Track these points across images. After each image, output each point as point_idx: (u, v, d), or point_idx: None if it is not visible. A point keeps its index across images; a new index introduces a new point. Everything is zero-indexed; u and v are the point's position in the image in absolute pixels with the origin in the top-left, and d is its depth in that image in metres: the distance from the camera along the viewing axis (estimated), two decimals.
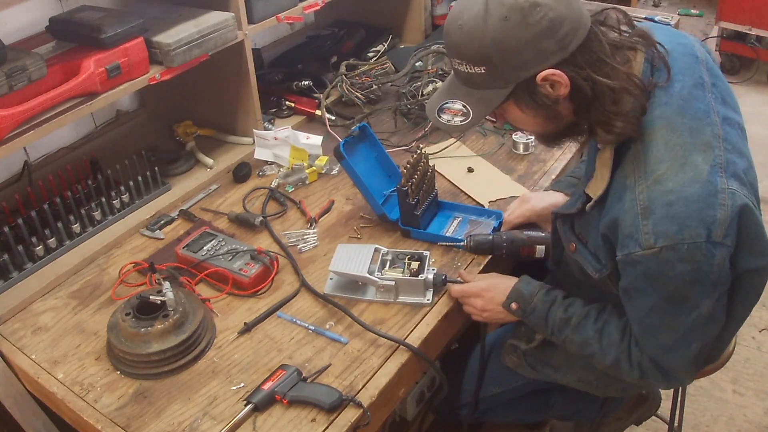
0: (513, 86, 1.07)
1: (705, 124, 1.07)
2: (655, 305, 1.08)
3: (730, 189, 1.02)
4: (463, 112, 1.14)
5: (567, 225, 1.28)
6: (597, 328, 1.24)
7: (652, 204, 1.02)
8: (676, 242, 1.00)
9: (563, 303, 1.29)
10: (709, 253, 1.01)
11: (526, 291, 1.31)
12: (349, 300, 1.41)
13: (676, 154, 1.04)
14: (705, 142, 1.05)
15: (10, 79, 1.31)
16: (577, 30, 1.02)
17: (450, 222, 1.60)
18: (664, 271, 1.02)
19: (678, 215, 1.00)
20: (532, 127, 1.16)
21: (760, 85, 4.06)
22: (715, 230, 1.00)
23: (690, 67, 1.13)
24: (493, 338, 1.62)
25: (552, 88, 1.05)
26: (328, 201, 1.72)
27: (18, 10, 1.61)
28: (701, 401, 2.24)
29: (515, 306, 1.31)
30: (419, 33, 2.51)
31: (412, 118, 2.02)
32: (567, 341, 1.28)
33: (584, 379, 1.42)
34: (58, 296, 1.48)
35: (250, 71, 1.81)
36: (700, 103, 1.09)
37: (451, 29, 1.08)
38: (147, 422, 1.19)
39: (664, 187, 1.02)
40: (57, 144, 1.88)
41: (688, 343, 1.12)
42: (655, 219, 1.01)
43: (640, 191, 1.04)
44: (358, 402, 1.19)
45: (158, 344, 1.26)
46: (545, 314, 1.29)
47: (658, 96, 1.08)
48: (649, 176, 1.04)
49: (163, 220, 1.67)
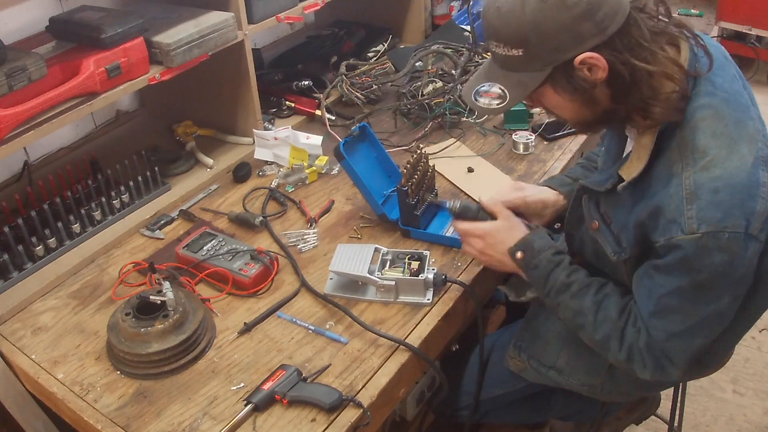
0: (550, 69, 1.07)
1: (748, 118, 1.08)
2: (680, 288, 1.08)
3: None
4: (500, 95, 1.14)
5: (593, 202, 1.26)
6: (596, 300, 1.23)
7: (699, 189, 1.02)
8: (718, 230, 1.00)
9: (568, 268, 1.27)
10: (745, 246, 1.02)
11: (536, 245, 1.29)
12: (349, 300, 1.41)
13: (723, 143, 1.04)
14: (749, 134, 1.06)
15: (10, 79, 1.31)
16: (616, 14, 1.02)
17: (450, 222, 1.60)
18: (702, 257, 1.03)
19: (723, 202, 1.01)
20: (569, 113, 1.16)
21: (760, 85, 4.06)
22: (753, 223, 1.01)
23: (724, 64, 1.14)
24: (492, 340, 1.62)
25: (590, 71, 1.05)
26: (328, 201, 1.72)
27: (18, 10, 1.61)
28: (701, 401, 2.24)
29: (520, 255, 1.29)
30: (419, 33, 2.51)
31: (412, 118, 2.02)
32: (561, 306, 1.26)
33: (588, 384, 1.41)
34: (58, 296, 1.48)
35: (250, 71, 1.81)
36: (741, 97, 1.10)
37: (489, 11, 1.08)
38: (147, 422, 1.19)
39: (711, 173, 1.02)
40: (57, 144, 1.89)
41: (694, 335, 1.12)
42: (700, 204, 1.02)
43: (686, 176, 1.04)
44: (358, 402, 1.19)
45: (158, 344, 1.26)
46: (548, 273, 1.27)
47: (704, 85, 1.08)
48: (698, 162, 1.04)
49: (163, 220, 1.67)
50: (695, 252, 1.02)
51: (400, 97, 2.06)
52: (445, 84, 2.03)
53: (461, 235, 1.39)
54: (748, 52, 3.94)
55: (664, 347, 1.15)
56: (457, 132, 1.96)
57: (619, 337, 1.19)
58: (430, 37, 2.45)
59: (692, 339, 1.13)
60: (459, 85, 2.00)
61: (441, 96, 1.98)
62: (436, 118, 1.97)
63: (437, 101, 1.98)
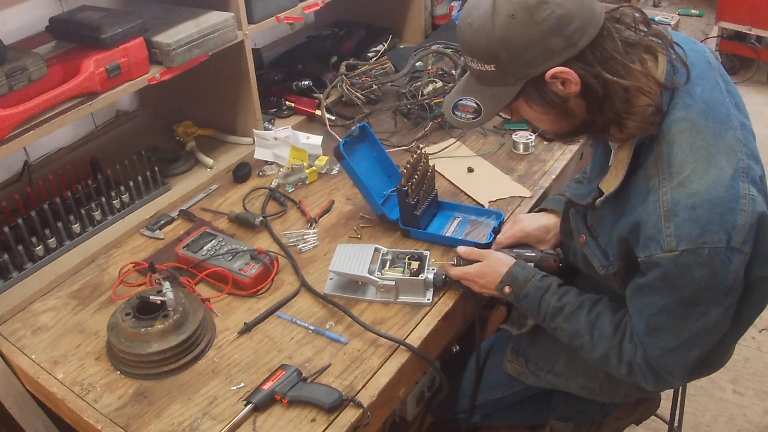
0: (522, 84, 1.07)
1: (727, 128, 1.07)
2: (666, 306, 1.08)
3: (750, 195, 1.02)
4: (475, 109, 1.15)
5: (580, 215, 1.27)
6: (590, 320, 1.23)
7: (676, 206, 1.02)
8: (697, 246, 1.00)
9: (557, 291, 1.28)
10: (727, 260, 1.01)
11: (520, 276, 1.30)
12: (349, 300, 1.41)
13: (700, 156, 1.03)
14: (728, 145, 1.05)
15: (10, 79, 1.31)
16: (587, 27, 1.02)
17: (450, 222, 1.60)
18: (683, 274, 1.02)
19: (701, 218, 1.00)
20: (546, 125, 1.16)
21: (760, 85, 4.06)
22: (735, 236, 1.00)
23: (706, 72, 1.12)
24: (489, 343, 1.62)
25: (563, 85, 1.05)
26: (328, 201, 1.72)
27: (18, 10, 1.61)
28: (701, 401, 2.24)
29: (508, 290, 1.30)
30: (419, 33, 2.51)
31: (412, 118, 2.02)
32: (558, 329, 1.27)
33: (587, 386, 1.41)
34: (58, 296, 1.48)
35: (250, 71, 1.81)
36: (721, 107, 1.09)
37: (462, 27, 1.09)
38: (147, 422, 1.19)
39: (688, 189, 1.02)
40: (57, 144, 1.88)
41: (689, 348, 1.12)
42: (677, 222, 1.01)
43: (663, 193, 1.03)
44: (358, 402, 1.19)
45: (158, 344, 1.26)
46: (538, 301, 1.28)
47: (681, 97, 1.07)
48: (674, 178, 1.03)
49: (163, 220, 1.67)
50: (676, 269, 1.02)
51: (400, 97, 2.06)
52: (445, 84, 2.03)
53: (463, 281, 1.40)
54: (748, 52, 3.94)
55: (661, 362, 1.15)
56: (457, 132, 1.96)
57: (617, 353, 1.20)
58: (430, 37, 2.45)
59: (688, 352, 1.13)
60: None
61: (441, 96, 1.98)
62: (436, 118, 1.97)
63: (437, 101, 1.98)
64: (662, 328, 1.11)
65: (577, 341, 1.25)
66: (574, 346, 1.27)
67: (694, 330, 1.09)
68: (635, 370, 1.19)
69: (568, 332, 1.26)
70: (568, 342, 1.28)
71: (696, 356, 1.14)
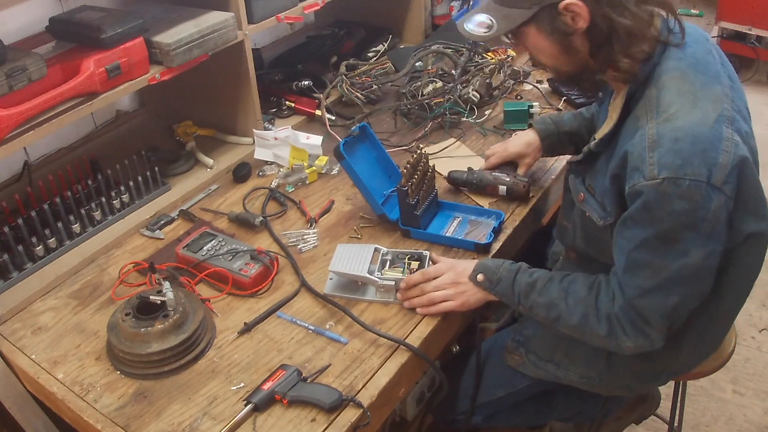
0: (537, 9, 1.13)
1: (716, 82, 1.13)
2: (646, 240, 1.11)
3: (734, 139, 1.07)
4: (488, 25, 1.20)
5: (579, 178, 1.33)
6: (563, 287, 1.27)
7: (661, 138, 1.07)
8: (677, 176, 1.04)
9: (528, 270, 1.32)
10: (708, 196, 1.04)
11: (491, 263, 1.35)
12: (349, 300, 1.41)
13: (687, 99, 1.09)
14: (715, 95, 1.11)
15: (10, 79, 1.31)
16: None
17: (450, 222, 1.60)
18: (663, 204, 1.06)
19: (683, 151, 1.04)
20: (548, 58, 1.21)
21: (760, 85, 4.06)
22: (716, 173, 1.04)
23: (701, 42, 1.20)
24: (489, 343, 1.62)
25: (573, 20, 1.11)
26: (328, 201, 1.72)
27: (18, 10, 1.61)
28: (701, 401, 2.24)
29: (482, 277, 1.33)
30: (419, 33, 2.51)
31: (412, 118, 2.02)
32: (534, 306, 1.29)
33: (586, 375, 1.42)
34: (58, 296, 1.48)
35: (250, 71, 1.82)
36: (711, 66, 1.16)
37: None
38: (147, 422, 1.19)
39: (673, 124, 1.07)
40: (57, 144, 1.88)
41: (667, 292, 1.14)
42: (661, 152, 1.06)
43: (650, 127, 1.09)
44: (358, 402, 1.19)
45: (158, 344, 1.26)
46: (511, 281, 1.31)
47: (673, 52, 1.15)
48: (660, 115, 1.09)
49: (163, 220, 1.67)
50: (656, 198, 1.06)
51: (400, 97, 2.06)
52: (445, 84, 2.03)
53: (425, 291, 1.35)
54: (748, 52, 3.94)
55: (638, 306, 1.16)
56: (457, 132, 1.96)
57: (594, 311, 1.22)
58: (430, 37, 2.45)
59: (665, 296, 1.14)
60: (459, 85, 2.01)
61: (441, 96, 1.98)
62: (436, 118, 1.97)
63: (437, 101, 1.98)
64: (641, 264, 1.14)
65: (553, 312, 1.27)
66: (552, 320, 1.28)
67: (673, 270, 1.11)
68: (614, 326, 1.20)
69: (544, 305, 1.28)
70: (545, 318, 1.29)
71: (673, 305, 1.14)
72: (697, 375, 1.54)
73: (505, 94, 2.09)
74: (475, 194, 1.69)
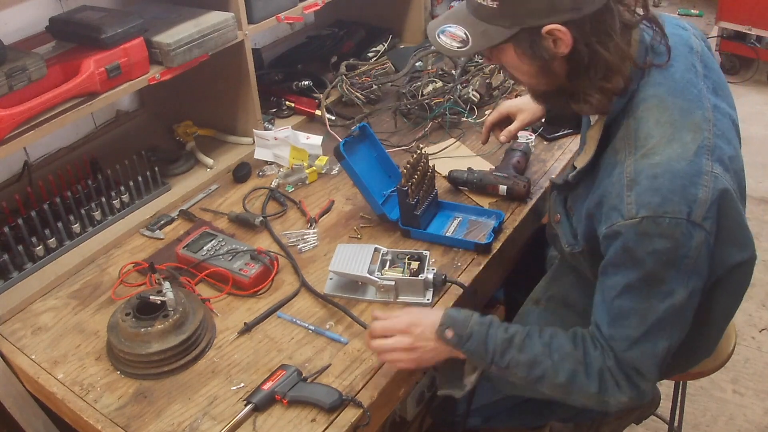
0: (518, 30, 1.07)
1: (696, 107, 1.09)
2: (629, 284, 1.07)
3: (713, 172, 1.03)
4: (462, 39, 1.13)
5: (561, 197, 1.30)
6: (545, 342, 1.16)
7: (638, 176, 1.04)
8: (657, 215, 1.01)
9: (501, 324, 1.20)
10: (688, 233, 1.01)
11: (459, 315, 1.20)
12: (349, 300, 1.41)
13: (665, 131, 1.06)
14: (695, 123, 1.07)
15: (10, 79, 1.31)
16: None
17: (450, 222, 1.60)
18: (643, 244, 1.03)
19: (662, 188, 1.02)
20: (524, 77, 1.17)
21: (760, 85, 4.06)
22: (696, 209, 1.01)
23: (683, 55, 1.15)
24: None
25: (554, 44, 1.06)
26: (328, 201, 1.72)
27: (18, 10, 1.61)
28: (701, 401, 2.24)
29: (450, 333, 1.18)
30: (419, 33, 2.51)
31: (412, 118, 2.02)
32: (512, 365, 1.16)
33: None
34: (58, 296, 1.48)
35: (250, 71, 1.82)
36: (692, 87, 1.11)
37: None
38: (147, 422, 1.19)
39: (651, 160, 1.04)
40: (57, 144, 1.88)
41: (656, 338, 1.09)
42: (639, 190, 1.03)
43: (628, 165, 1.06)
44: (358, 402, 1.19)
45: (158, 344, 1.26)
46: (484, 337, 1.17)
47: (654, 76, 1.10)
48: (638, 151, 1.06)
49: (163, 220, 1.67)
50: (635, 238, 1.03)
51: (400, 97, 2.06)
52: (445, 84, 2.03)
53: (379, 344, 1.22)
54: (748, 52, 3.94)
55: (629, 358, 1.11)
56: (457, 132, 1.96)
57: (584, 367, 1.14)
58: None
59: (655, 343, 1.10)
60: (459, 85, 2.01)
61: (441, 96, 1.98)
62: (436, 118, 1.98)
63: (437, 101, 1.98)
64: (627, 312, 1.09)
65: (536, 371, 1.15)
66: (533, 380, 1.16)
67: (660, 314, 1.07)
68: (606, 379, 1.12)
69: (525, 363, 1.16)
70: (524, 378, 1.17)
71: (664, 350, 1.10)
72: (697, 375, 1.54)
73: (505, 94, 2.09)
74: (476, 194, 1.69)
